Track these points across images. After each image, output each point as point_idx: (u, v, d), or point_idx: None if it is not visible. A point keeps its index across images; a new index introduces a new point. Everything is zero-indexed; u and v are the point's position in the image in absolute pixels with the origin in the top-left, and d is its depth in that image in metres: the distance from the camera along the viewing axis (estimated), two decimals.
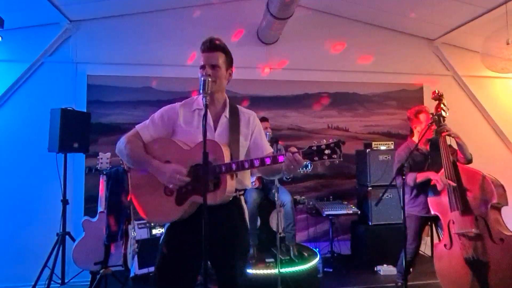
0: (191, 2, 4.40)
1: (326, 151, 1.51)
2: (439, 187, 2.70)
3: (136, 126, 1.78)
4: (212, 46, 1.72)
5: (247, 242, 1.87)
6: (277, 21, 3.86)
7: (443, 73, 5.03)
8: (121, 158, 1.80)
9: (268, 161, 1.57)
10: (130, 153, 1.70)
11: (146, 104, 4.26)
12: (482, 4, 3.96)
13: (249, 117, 1.83)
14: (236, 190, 1.71)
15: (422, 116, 3.06)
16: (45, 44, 4.07)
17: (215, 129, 1.73)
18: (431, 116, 2.91)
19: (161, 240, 1.75)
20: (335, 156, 1.51)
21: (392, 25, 4.84)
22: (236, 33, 4.52)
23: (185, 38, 4.30)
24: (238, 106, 1.85)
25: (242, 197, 1.80)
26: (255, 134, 1.82)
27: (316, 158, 1.52)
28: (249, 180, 1.84)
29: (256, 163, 1.58)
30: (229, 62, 1.77)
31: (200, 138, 1.53)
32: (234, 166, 1.59)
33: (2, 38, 3.38)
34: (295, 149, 1.53)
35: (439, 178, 2.70)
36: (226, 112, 1.78)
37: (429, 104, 3.01)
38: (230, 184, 1.62)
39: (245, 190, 1.82)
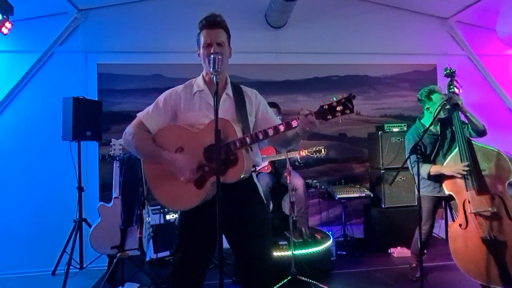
0: None
1: (338, 108, 1.50)
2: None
3: (138, 115, 1.74)
4: (216, 23, 1.68)
5: (266, 215, 1.85)
6: (285, 3, 3.79)
7: (458, 52, 4.88)
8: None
9: (282, 128, 1.55)
10: (138, 146, 1.68)
11: (156, 91, 4.09)
12: None
13: (253, 94, 1.82)
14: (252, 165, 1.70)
15: (435, 97, 2.95)
16: (55, 34, 4.09)
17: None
18: (444, 95, 2.84)
19: (177, 221, 1.76)
20: (347, 111, 1.49)
21: (404, 4, 4.70)
22: (244, 17, 4.45)
23: (194, 24, 4.24)
24: (241, 85, 1.82)
25: (253, 174, 1.78)
26: (261, 108, 1.81)
27: (329, 117, 1.50)
28: (259, 157, 1.84)
29: (270, 132, 1.56)
30: (229, 39, 1.74)
31: (205, 120, 1.60)
32: (248, 140, 1.57)
33: (12, 25, 3.38)
34: (306, 111, 1.51)
35: (453, 172, 2.64)
36: (228, 90, 1.75)
37: (443, 84, 2.92)
38: (247, 158, 1.61)
39: (255, 169, 1.81)
